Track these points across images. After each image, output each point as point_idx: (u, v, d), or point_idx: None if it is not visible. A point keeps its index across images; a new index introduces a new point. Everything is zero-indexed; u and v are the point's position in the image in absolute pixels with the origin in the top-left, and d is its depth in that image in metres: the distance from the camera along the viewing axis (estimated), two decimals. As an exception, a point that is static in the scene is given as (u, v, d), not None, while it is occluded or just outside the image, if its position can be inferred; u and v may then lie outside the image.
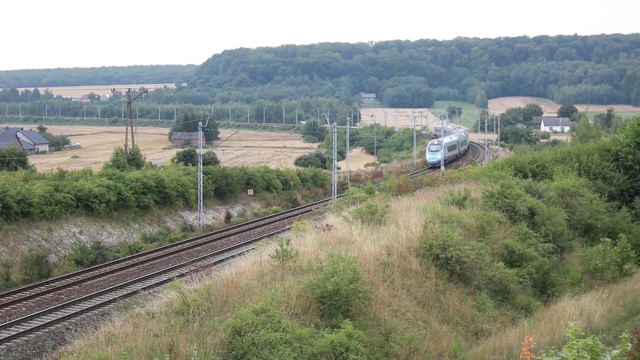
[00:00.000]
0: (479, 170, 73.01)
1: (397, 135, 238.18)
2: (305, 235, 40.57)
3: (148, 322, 26.73)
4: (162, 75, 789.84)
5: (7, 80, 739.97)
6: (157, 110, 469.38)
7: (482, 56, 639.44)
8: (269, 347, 24.65)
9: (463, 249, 38.83)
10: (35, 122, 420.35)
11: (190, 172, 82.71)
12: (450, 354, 31.32)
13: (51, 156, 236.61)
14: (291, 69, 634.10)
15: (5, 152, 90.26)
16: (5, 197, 56.95)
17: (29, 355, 34.30)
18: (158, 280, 47.70)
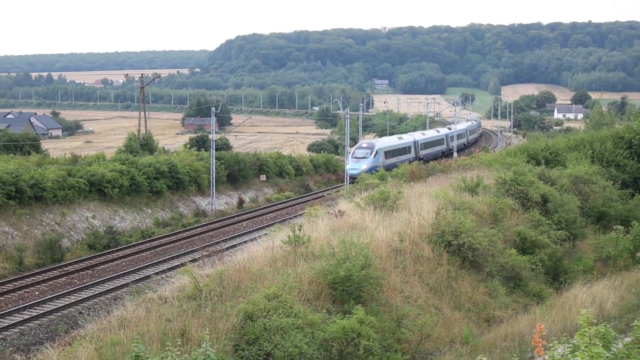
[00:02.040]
0: (491, 157, 72.84)
1: (410, 122, 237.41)
2: (318, 221, 40.57)
3: (160, 307, 26.78)
4: (175, 60, 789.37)
5: (20, 65, 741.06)
6: (170, 95, 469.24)
7: (495, 43, 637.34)
8: (280, 332, 24.70)
9: (475, 235, 38.81)
10: (48, 107, 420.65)
11: (203, 158, 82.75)
12: (461, 341, 31.35)
13: (64, 141, 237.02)
14: (304, 55, 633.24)
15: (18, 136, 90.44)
16: (18, 181, 57.09)
17: (41, 339, 34.41)
18: (170, 265, 47.78)
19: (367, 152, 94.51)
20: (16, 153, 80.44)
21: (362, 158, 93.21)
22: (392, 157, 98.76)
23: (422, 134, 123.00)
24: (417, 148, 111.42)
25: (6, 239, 52.93)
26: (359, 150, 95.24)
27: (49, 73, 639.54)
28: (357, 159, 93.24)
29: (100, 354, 22.95)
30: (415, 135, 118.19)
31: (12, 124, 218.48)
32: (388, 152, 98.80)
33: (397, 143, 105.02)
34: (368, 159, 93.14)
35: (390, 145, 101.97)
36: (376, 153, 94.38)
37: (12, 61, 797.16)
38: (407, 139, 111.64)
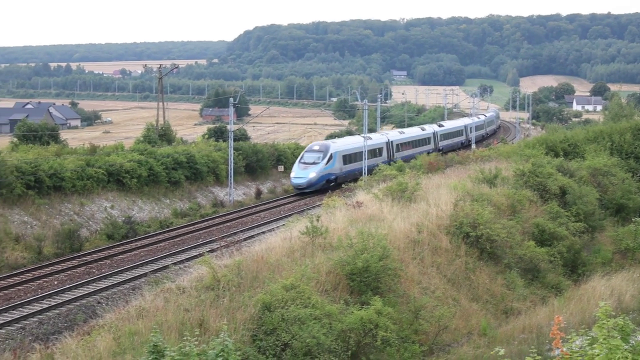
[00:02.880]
0: (510, 149, 72.68)
1: (428, 113, 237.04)
2: (336, 212, 40.64)
3: (178, 297, 26.86)
4: (194, 51, 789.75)
5: (39, 55, 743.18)
6: (188, 86, 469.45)
7: (514, 34, 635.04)
8: (298, 322, 24.74)
9: (493, 227, 38.80)
10: (67, 97, 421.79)
11: (221, 148, 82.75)
12: (479, 332, 31.35)
13: (83, 131, 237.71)
14: (322, 46, 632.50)
15: (37, 126, 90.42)
16: (37, 171, 57.25)
17: (60, 328, 34.54)
18: (188, 255, 47.81)
19: (319, 156, 77.44)
20: (35, 143, 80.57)
21: (312, 164, 76.44)
22: (354, 161, 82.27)
23: (400, 133, 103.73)
24: (391, 149, 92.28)
25: (25, 229, 53.13)
26: (309, 154, 78.48)
27: (68, 63, 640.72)
28: (305, 165, 76.73)
29: (119, 344, 23.06)
30: (391, 135, 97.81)
31: (31, 114, 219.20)
32: (347, 157, 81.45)
33: (360, 145, 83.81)
34: (318, 165, 76.30)
35: (351, 147, 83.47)
36: (330, 157, 77.43)
37: (31, 51, 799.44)
38: (377, 139, 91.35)
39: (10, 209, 54.02)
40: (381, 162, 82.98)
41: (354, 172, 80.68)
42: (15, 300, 39.30)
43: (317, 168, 75.83)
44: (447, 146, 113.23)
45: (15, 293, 40.70)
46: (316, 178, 75.25)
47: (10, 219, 53.11)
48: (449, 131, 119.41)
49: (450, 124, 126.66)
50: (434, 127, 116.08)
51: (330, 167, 77.28)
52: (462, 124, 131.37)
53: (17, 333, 34.24)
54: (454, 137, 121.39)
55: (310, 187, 75.34)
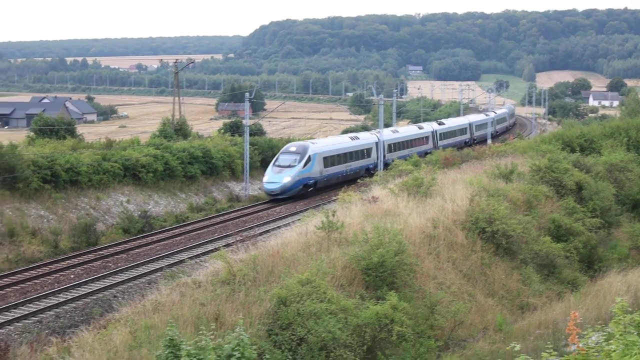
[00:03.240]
0: (526, 144, 72.58)
1: (444, 108, 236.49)
2: (351, 207, 40.66)
3: (194, 291, 26.92)
4: (209, 46, 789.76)
5: (55, 50, 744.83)
6: (204, 81, 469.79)
7: (530, 29, 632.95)
8: (314, 317, 24.77)
9: (509, 222, 38.76)
10: (83, 91, 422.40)
11: (237, 143, 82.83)
12: (495, 328, 31.32)
13: (99, 126, 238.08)
14: (338, 41, 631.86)
15: (54, 121, 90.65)
16: (54, 165, 57.43)
17: (77, 321, 34.67)
18: (204, 249, 47.88)
19: (295, 158, 70.21)
20: (52, 137, 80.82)
21: (287, 167, 69.21)
22: (338, 164, 75.89)
23: (393, 132, 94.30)
24: (381, 150, 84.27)
25: (42, 223, 53.33)
26: (284, 156, 71.19)
27: (84, 58, 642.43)
28: (279, 169, 69.41)
29: (135, 338, 23.12)
30: (382, 134, 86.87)
31: (48, 108, 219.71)
32: (329, 158, 74.48)
33: (345, 145, 79.24)
34: (294, 169, 69.06)
35: (333, 148, 76.70)
36: (308, 160, 70.25)
37: (48, 46, 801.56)
38: (365, 139, 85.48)
39: (27, 203, 54.22)
40: (370, 164, 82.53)
41: (338, 175, 75.34)
42: (32, 293, 39.45)
43: (292, 172, 68.48)
44: (447, 146, 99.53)
45: (32, 287, 40.86)
46: (291, 183, 68.13)
47: (27, 213, 53.31)
48: (450, 130, 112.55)
49: (452, 122, 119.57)
50: (433, 125, 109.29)
51: (308, 170, 70.12)
52: (467, 121, 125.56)
53: (34, 326, 34.39)
54: (455, 136, 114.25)
55: (285, 193, 68.21)
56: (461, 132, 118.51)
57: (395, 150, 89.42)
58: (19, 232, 50.28)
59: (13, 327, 34.30)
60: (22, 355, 25.30)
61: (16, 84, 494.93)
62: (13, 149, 57.09)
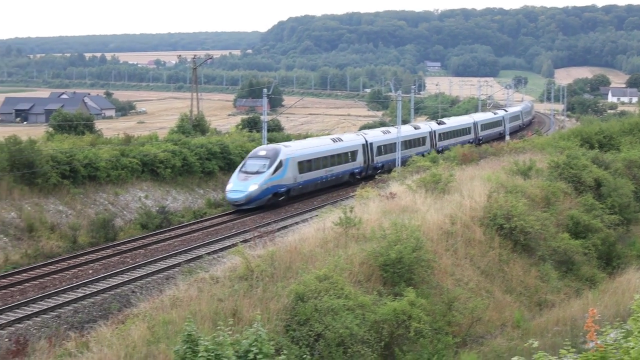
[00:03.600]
0: (544, 141, 72.40)
1: (462, 105, 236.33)
2: (369, 203, 40.65)
3: (212, 287, 26.97)
4: (228, 41, 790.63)
5: (74, 45, 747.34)
6: (222, 76, 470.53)
7: (549, 25, 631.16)
8: (331, 313, 24.79)
9: (527, 219, 38.68)
10: (102, 87, 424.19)
11: (255, 139, 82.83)
12: (513, 324, 31.26)
13: (117, 121, 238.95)
14: (356, 37, 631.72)
15: (72, 116, 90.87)
16: (72, 161, 57.61)
17: (95, 317, 34.77)
18: (222, 245, 47.90)
19: (264, 163, 62.69)
20: (70, 133, 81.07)
21: (254, 174, 61.70)
22: (315, 169, 68.77)
23: (384, 133, 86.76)
24: (369, 152, 78.62)
25: (60, 218, 53.52)
26: (252, 161, 63.43)
27: (103, 54, 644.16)
28: (245, 175, 61.78)
29: (153, 333, 23.19)
30: (370, 135, 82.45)
31: (66, 104, 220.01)
32: (305, 163, 67.10)
33: (325, 148, 71.65)
34: (262, 175, 61.48)
35: (310, 152, 68.87)
36: (279, 165, 62.85)
37: (67, 42, 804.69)
38: (350, 140, 77.39)
39: (46, 198, 54.43)
40: (356, 168, 76.13)
41: (316, 181, 69.03)
42: (51, 288, 39.59)
43: (260, 179, 61.06)
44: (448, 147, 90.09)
45: (51, 282, 41.00)
46: (258, 191, 60.65)
47: (46, 208, 53.52)
48: (450, 130, 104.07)
49: (453, 121, 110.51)
50: (432, 125, 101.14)
51: (279, 176, 62.74)
52: (471, 120, 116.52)
53: (53, 321, 34.52)
54: (458, 137, 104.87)
55: (251, 203, 60.85)
56: (464, 132, 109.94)
57: (386, 152, 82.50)
58: (37, 227, 50.47)
59: (32, 322, 34.44)
60: (41, 350, 25.41)
61: (35, 80, 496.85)
62: (32, 145, 57.25)
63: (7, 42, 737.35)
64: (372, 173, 75.39)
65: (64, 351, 23.88)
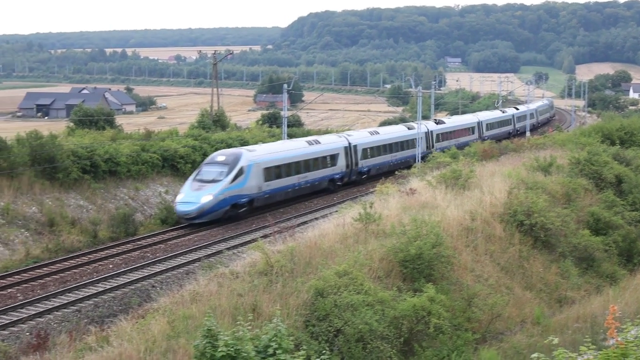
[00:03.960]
0: (565, 137, 72.18)
1: (483, 100, 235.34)
2: (389, 198, 40.65)
3: (232, 282, 27.04)
4: (248, 37, 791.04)
5: (95, 41, 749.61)
6: (242, 72, 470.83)
7: (570, 21, 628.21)
8: (351, 309, 24.81)
9: (548, 215, 38.60)
10: (122, 82, 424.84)
11: (275, 134, 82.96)
12: (533, 321, 31.20)
13: (138, 116, 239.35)
14: (376, 33, 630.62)
15: (93, 111, 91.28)
16: (93, 156, 57.80)
17: (115, 311, 34.88)
18: (242, 240, 47.94)
19: (222, 171, 55.49)
20: (91, 128, 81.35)
21: (210, 182, 54.54)
22: (286, 175, 61.38)
23: (371, 134, 78.90)
24: (352, 156, 70.96)
25: (81, 213, 53.73)
26: (209, 168, 56.38)
27: (123, 49, 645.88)
28: (199, 184, 54.59)
29: (173, 327, 23.26)
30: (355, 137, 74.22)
31: (87, 99, 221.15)
32: (273, 169, 59.65)
33: (298, 152, 63.84)
34: (218, 185, 54.27)
35: (279, 157, 61.39)
36: (240, 172, 55.55)
37: (88, 37, 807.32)
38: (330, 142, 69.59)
39: (67, 192, 54.66)
40: (336, 174, 68.54)
41: (287, 189, 61.33)
42: (71, 283, 39.74)
43: (216, 188, 53.87)
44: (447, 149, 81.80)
45: (71, 276, 41.16)
46: (213, 203, 53.38)
47: (67, 202, 53.74)
48: (450, 130, 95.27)
49: (454, 121, 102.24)
50: (429, 124, 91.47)
51: (240, 185, 55.51)
52: (474, 119, 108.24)
53: (73, 315, 34.65)
54: (459, 137, 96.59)
55: (204, 217, 53.59)
56: (466, 132, 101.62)
57: (373, 155, 75.27)
58: (58, 221, 50.66)
59: (52, 316, 34.59)
60: (62, 344, 25.52)
61: (56, 75, 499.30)
62: (53, 140, 57.49)
63: (28, 38, 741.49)
64: (357, 179, 71.80)
65: (85, 345, 23.97)
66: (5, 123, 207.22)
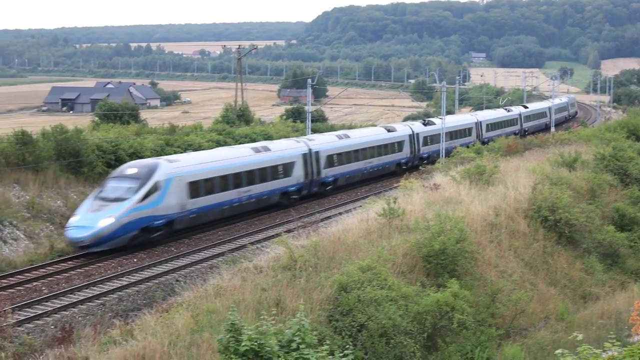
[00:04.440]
0: (590, 132, 71.88)
1: (507, 96, 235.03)
2: (413, 194, 40.65)
3: (256, 276, 27.09)
4: (272, 32, 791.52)
5: (120, 35, 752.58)
6: (266, 67, 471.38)
7: (596, 16, 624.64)
8: (374, 304, 24.81)
9: (572, 211, 38.48)
10: (147, 77, 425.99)
11: (299, 129, 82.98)
12: (557, 317, 31.13)
13: (162, 111, 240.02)
14: (401, 28, 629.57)
15: (118, 106, 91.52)
16: (118, 150, 57.98)
17: (139, 305, 34.99)
18: (265, 235, 47.94)
19: (131, 186, 45.22)
20: (116, 122, 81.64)
21: (113, 201, 44.50)
22: (221, 190, 51.47)
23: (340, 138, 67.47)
24: (313, 164, 61.61)
25: (105, 207, 53.87)
26: (114, 183, 46.05)
27: (148, 44, 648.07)
28: (101, 204, 44.55)
29: (197, 322, 23.34)
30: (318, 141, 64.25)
31: (112, 93, 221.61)
32: (202, 183, 49.50)
33: (240, 162, 54.00)
34: (124, 204, 44.19)
35: (211, 168, 50.90)
36: (154, 188, 45.57)
37: (112, 32, 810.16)
38: (286, 148, 59.32)
39: (92, 187, 54.73)
40: (291, 186, 58.78)
41: (222, 206, 51.51)
42: (96, 277, 39.88)
43: (119, 209, 43.76)
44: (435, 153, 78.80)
45: (96, 270, 41.29)
46: (114, 227, 43.07)
47: (91, 197, 53.92)
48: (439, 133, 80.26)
49: (447, 121, 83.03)
50: (414, 126, 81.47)
51: (153, 204, 45.31)
52: (473, 120, 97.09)
53: (98, 309, 34.78)
54: (453, 139, 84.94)
55: (102, 244, 43.25)
56: (461, 133, 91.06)
57: (341, 163, 65.55)
58: (83, 215, 50.79)
59: (77, 310, 34.72)
60: (86, 337, 25.64)
61: (81, 69, 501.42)
62: (78, 134, 57.73)
63: (54, 32, 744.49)
64: (320, 190, 63.00)
65: (109, 339, 24.08)
66: (31, 117, 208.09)
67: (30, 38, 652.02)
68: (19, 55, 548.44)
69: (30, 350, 25.06)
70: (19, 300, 35.72)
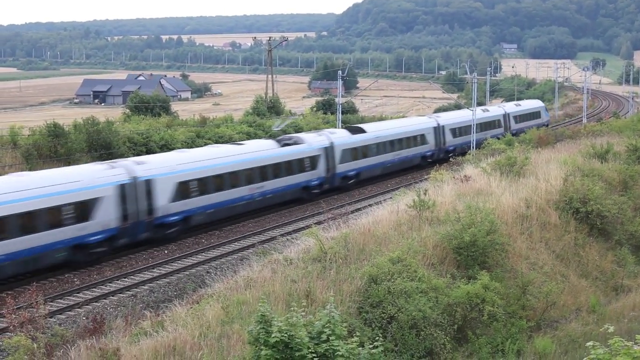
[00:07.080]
0: (622, 124, 71.40)
1: (539, 87, 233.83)
2: (443, 185, 40.52)
3: (286, 268, 27.12)
4: (303, 24, 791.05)
5: (151, 27, 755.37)
6: (297, 58, 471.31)
7: (629, 6, 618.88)
8: (404, 296, 24.80)
9: (604, 203, 38.24)
10: (178, 69, 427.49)
11: (329, 121, 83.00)
12: (588, 309, 30.98)
13: (193, 103, 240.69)
14: (431, 19, 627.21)
15: (149, 98, 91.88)
16: (149, 142, 58.28)
17: (170, 296, 35.13)
18: (296, 227, 48.01)
19: None
20: (147, 114, 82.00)
21: None
22: None
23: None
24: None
25: (137, 199, 54.08)
26: None
27: (179, 36, 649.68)
28: None
29: (227, 313, 23.40)
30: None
31: (143, 85, 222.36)
32: None
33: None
34: None
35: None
36: None
37: (144, 24, 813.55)
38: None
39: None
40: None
41: None
42: (127, 268, 40.13)
43: None
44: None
45: (127, 262, 41.54)
46: None
47: (123, 188, 54.09)
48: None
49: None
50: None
51: None
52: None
53: (129, 300, 34.98)
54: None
55: None
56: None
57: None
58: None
59: (109, 301, 34.97)
60: (117, 328, 25.77)
61: (113, 62, 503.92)
62: (109, 126, 58.11)
63: (85, 25, 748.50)
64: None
65: (140, 330, 24.19)
66: (63, 109, 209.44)
67: (63, 31, 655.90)
68: (51, 48, 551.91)
69: (62, 341, 25.18)
70: (51, 292, 36.01)
